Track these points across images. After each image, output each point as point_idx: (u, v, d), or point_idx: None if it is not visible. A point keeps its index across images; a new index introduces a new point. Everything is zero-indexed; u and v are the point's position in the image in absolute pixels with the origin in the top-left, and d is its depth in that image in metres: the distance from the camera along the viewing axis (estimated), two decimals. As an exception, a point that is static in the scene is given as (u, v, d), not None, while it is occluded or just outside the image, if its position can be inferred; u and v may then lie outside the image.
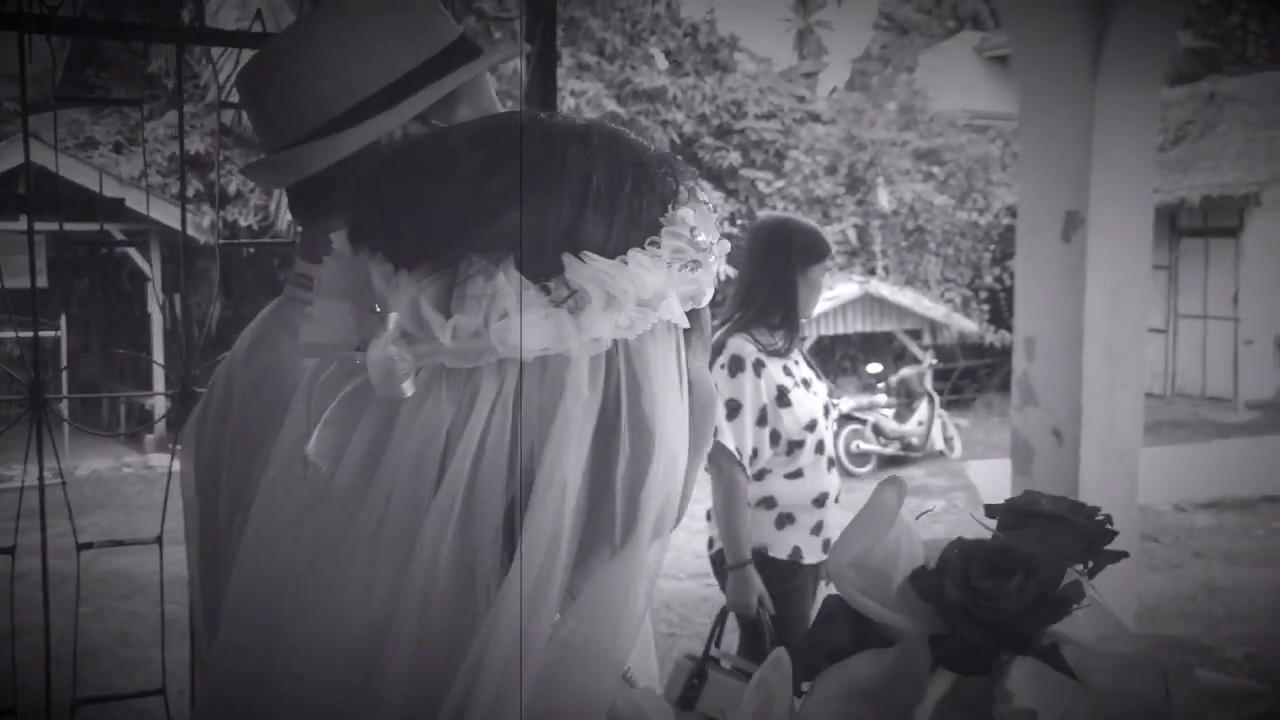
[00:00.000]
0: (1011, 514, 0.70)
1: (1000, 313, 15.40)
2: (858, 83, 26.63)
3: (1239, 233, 15.26)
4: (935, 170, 15.92)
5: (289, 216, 10.44)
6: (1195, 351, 15.92)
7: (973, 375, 16.07)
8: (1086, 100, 3.48)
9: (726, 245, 0.67)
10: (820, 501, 3.22)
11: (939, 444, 12.61)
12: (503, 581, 0.58)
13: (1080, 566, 0.68)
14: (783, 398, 3.16)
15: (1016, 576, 0.63)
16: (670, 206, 0.63)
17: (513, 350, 0.58)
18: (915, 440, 12.48)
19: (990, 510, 0.71)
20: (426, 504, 0.59)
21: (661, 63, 15.16)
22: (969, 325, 14.95)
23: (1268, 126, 16.01)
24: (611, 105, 13.67)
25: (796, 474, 3.19)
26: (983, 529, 0.74)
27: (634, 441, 0.61)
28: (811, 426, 3.18)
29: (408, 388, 0.59)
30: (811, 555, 3.15)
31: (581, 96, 13.30)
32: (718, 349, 3.21)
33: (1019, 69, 3.85)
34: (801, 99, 16.23)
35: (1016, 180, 3.80)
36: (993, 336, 15.00)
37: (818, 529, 3.17)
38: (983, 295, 15.75)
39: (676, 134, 14.24)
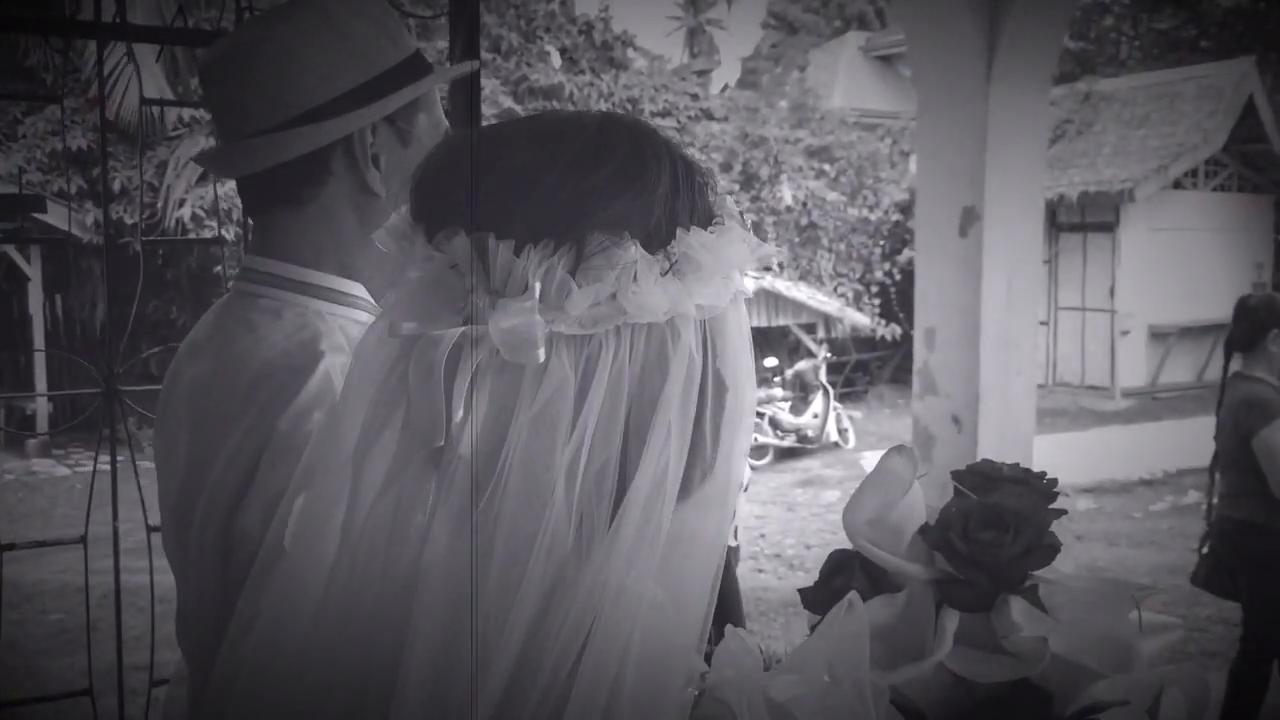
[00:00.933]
0: (977, 477, 0.79)
1: (891, 307, 15.79)
2: (749, 81, 27.00)
3: (1115, 228, 15.88)
4: (827, 168, 16.24)
5: (178, 212, 10.10)
6: (1074, 342, 16.53)
7: (865, 368, 16.46)
8: (980, 102, 3.63)
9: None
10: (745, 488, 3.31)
11: (834, 436, 12.89)
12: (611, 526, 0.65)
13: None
14: None
15: (1010, 530, 0.73)
16: (716, 194, 0.73)
17: (644, 314, 0.65)
18: (811, 432, 12.75)
19: (957, 475, 0.80)
20: (556, 462, 0.65)
21: (556, 60, 15.19)
22: (861, 319, 15.29)
23: (1140, 126, 16.70)
24: (508, 102, 13.65)
25: None
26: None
27: (714, 399, 0.70)
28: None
29: (541, 353, 0.64)
30: (730, 536, 3.25)
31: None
32: None
33: (916, 72, 4.00)
34: (695, 97, 16.39)
35: (915, 178, 3.94)
36: (884, 330, 15.37)
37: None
38: (874, 290, 16.12)
39: (573, 131, 14.26)
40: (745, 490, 3.39)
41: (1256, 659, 4.29)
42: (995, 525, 0.74)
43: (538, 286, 0.64)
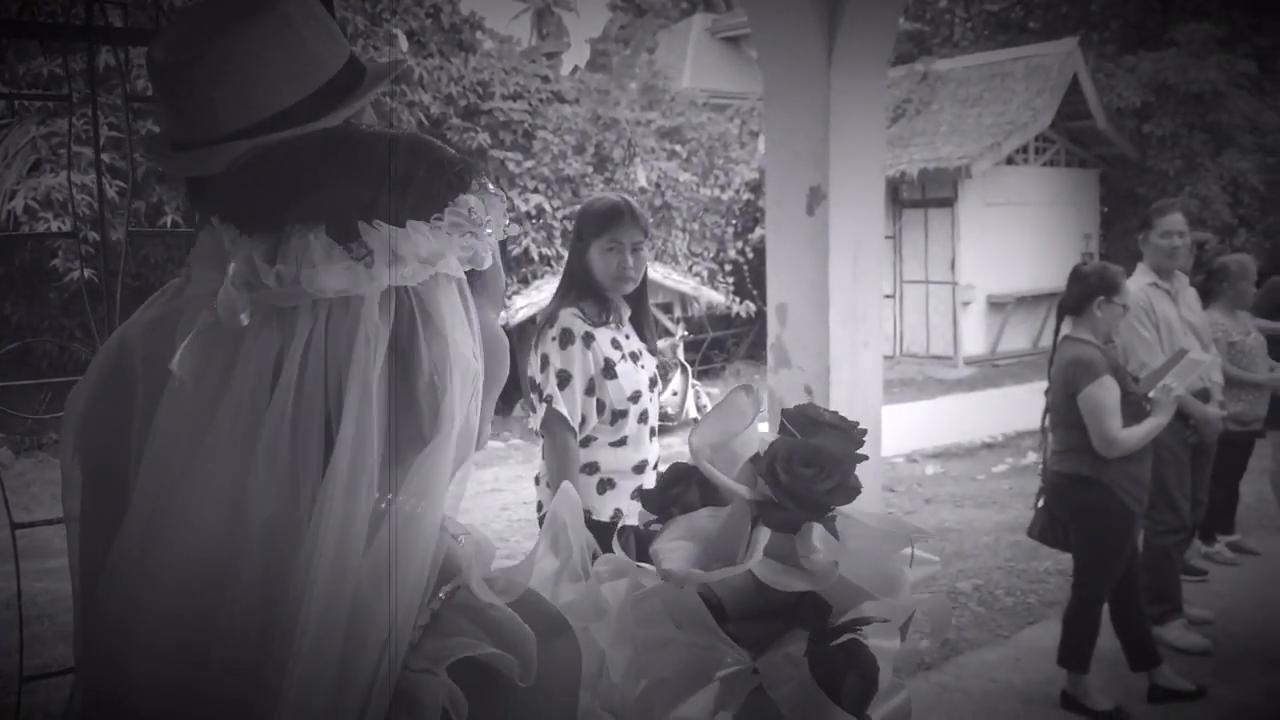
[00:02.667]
0: (803, 419, 0.92)
1: (744, 284, 16.13)
2: (599, 63, 27.07)
3: (954, 203, 16.52)
4: (678, 149, 16.44)
5: (10, 204, 9.61)
6: (919, 314, 17.15)
7: (721, 345, 16.77)
8: (822, 86, 3.79)
9: (508, 229, 0.91)
10: (640, 469, 3.38)
11: (693, 412, 13.08)
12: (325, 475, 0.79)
13: None
14: (609, 370, 3.28)
15: (824, 470, 0.87)
16: (457, 194, 0.87)
17: (318, 292, 0.80)
18: (671, 410, 12.91)
19: (787, 414, 0.93)
20: (264, 413, 0.80)
21: (404, 43, 14.97)
22: (716, 297, 15.57)
23: (974, 104, 17.41)
24: (356, 86, 13.39)
25: (620, 442, 3.35)
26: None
27: (432, 361, 0.83)
28: (635, 398, 3.34)
29: (244, 318, 0.81)
30: (634, 517, 3.30)
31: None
32: (550, 321, 3.32)
33: (762, 58, 4.14)
34: (545, 79, 16.37)
35: (764, 159, 4.10)
36: (738, 307, 15.68)
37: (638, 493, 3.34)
38: (728, 268, 16.42)
39: (424, 115, 14.11)
40: (655, 469, 3.47)
41: (1087, 605, 4.61)
42: (813, 464, 0.88)
43: (232, 266, 0.83)
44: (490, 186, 0.91)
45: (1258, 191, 17.85)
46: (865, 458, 0.94)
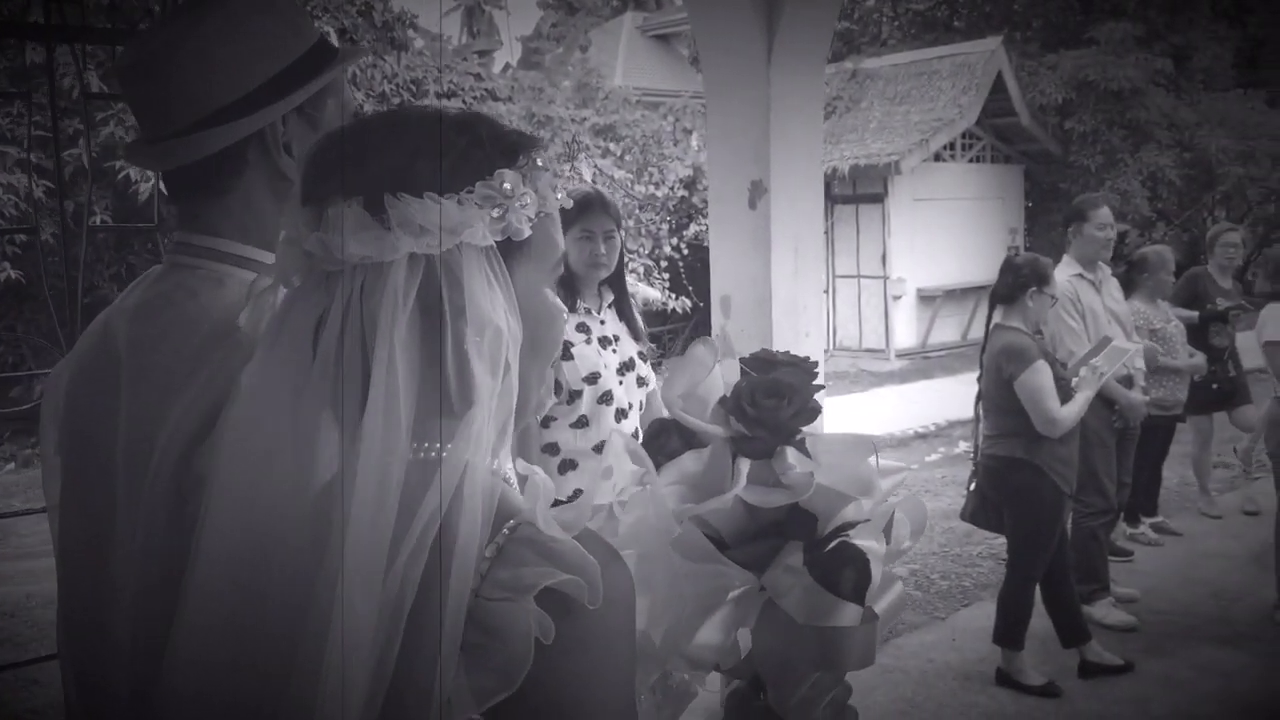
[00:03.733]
0: (759, 362, 1.02)
1: (680, 280, 16.23)
2: (531, 61, 27.04)
3: (884, 199, 16.78)
4: (613, 146, 16.49)
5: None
6: (852, 308, 17.40)
7: (658, 340, 16.87)
8: (763, 83, 3.89)
9: (558, 200, 1.02)
10: (600, 449, 3.47)
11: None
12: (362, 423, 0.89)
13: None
14: (565, 351, 3.38)
15: (785, 398, 0.96)
16: (492, 169, 0.95)
17: (348, 257, 0.91)
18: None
19: (745, 361, 1.03)
20: (309, 364, 0.91)
21: (335, 41, 14.84)
22: (653, 293, 15.63)
23: (902, 102, 17.69)
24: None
25: (579, 423, 3.43)
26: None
27: (454, 324, 0.91)
28: (592, 379, 3.42)
29: (295, 280, 0.94)
30: (602, 496, 3.40)
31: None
32: None
33: (703, 57, 4.23)
34: (479, 77, 16.33)
35: (696, 154, 4.19)
36: (674, 303, 15.79)
37: (608, 473, 3.42)
38: (663, 264, 16.52)
39: (357, 113, 13.98)
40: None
41: (1021, 584, 4.78)
42: (774, 394, 0.99)
43: (283, 233, 0.95)
44: (539, 162, 0.98)
45: (1175, 186, 18.37)
46: (821, 386, 1.04)
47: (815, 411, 0.99)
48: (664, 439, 1.04)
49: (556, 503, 0.92)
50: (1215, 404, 6.95)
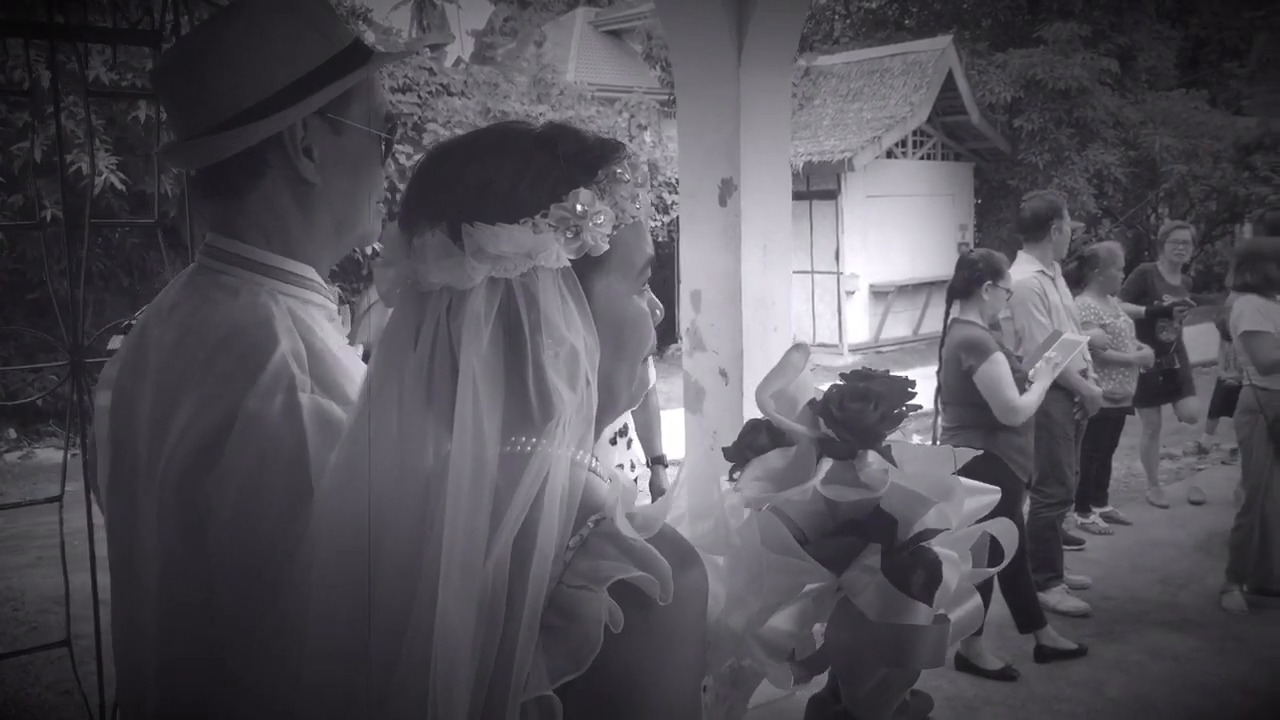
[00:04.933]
0: (857, 374, 1.10)
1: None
2: (484, 56, 26.91)
3: (837, 195, 16.94)
4: (569, 142, 16.48)
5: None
6: (805, 304, 17.55)
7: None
8: (733, 83, 3.97)
9: (648, 208, 1.08)
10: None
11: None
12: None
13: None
14: None
15: (871, 402, 1.03)
16: (570, 189, 1.00)
17: (428, 285, 0.98)
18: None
19: (845, 376, 1.10)
20: (409, 376, 0.99)
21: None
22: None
23: (855, 99, 17.88)
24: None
25: None
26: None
27: (533, 340, 0.98)
28: None
29: (390, 296, 1.02)
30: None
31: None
32: None
33: (675, 56, 4.29)
34: (432, 72, 16.27)
35: (677, 153, 4.24)
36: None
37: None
38: (620, 260, 16.57)
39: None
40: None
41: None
42: (861, 399, 1.04)
43: (382, 253, 1.03)
44: (619, 173, 1.04)
45: (1120, 183, 18.74)
46: (918, 405, 1.09)
47: (900, 418, 1.04)
48: (754, 436, 1.09)
49: None
50: (1162, 396, 7.14)
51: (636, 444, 3.64)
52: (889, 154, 17.49)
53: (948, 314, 4.89)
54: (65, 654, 2.39)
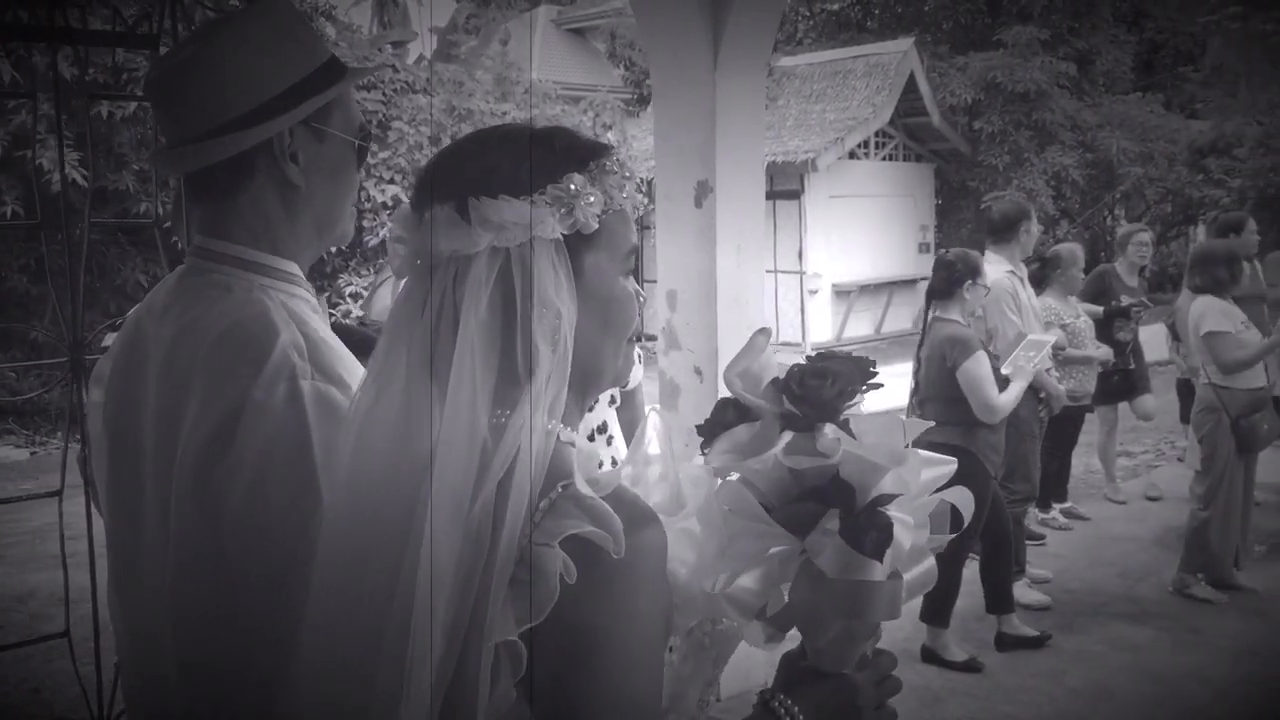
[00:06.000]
0: (820, 355, 1.18)
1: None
2: (448, 53, 26.85)
3: (800, 195, 17.08)
4: (533, 140, 16.49)
5: None
6: (770, 303, 17.68)
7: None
8: (709, 87, 4.05)
9: (635, 200, 1.20)
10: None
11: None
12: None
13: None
14: None
15: (829, 379, 1.12)
16: (563, 174, 1.12)
17: (439, 252, 1.10)
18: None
19: (810, 356, 1.19)
20: (412, 344, 1.11)
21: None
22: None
23: (818, 100, 18.03)
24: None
25: None
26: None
27: (523, 305, 1.09)
28: None
29: (403, 269, 1.13)
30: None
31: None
32: None
33: (652, 60, 4.36)
34: (395, 69, 16.23)
35: (654, 155, 4.32)
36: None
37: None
38: (584, 259, 16.61)
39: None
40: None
41: (951, 564, 5.02)
42: (818, 376, 1.14)
43: (397, 231, 1.15)
44: (608, 165, 1.16)
45: (1078, 185, 19.03)
46: (879, 383, 1.18)
47: (854, 394, 1.14)
48: (723, 413, 1.19)
49: None
50: (1119, 395, 7.30)
51: (619, 441, 3.70)
52: (852, 155, 17.66)
53: (927, 314, 5.00)
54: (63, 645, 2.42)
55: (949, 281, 4.89)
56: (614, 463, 3.89)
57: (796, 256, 17.24)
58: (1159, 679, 4.94)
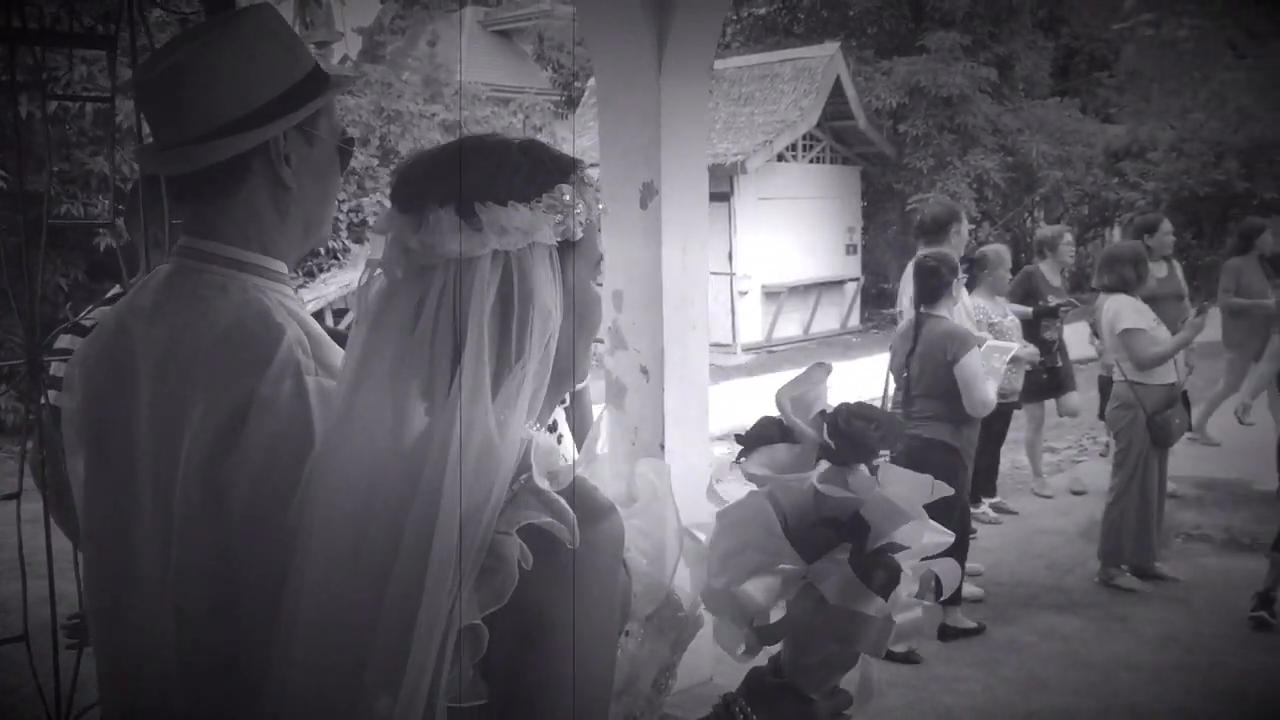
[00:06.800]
0: (861, 405, 1.25)
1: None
2: (373, 54, 26.59)
3: (730, 197, 17.21)
4: (463, 142, 16.43)
5: None
6: (699, 304, 17.76)
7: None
8: (654, 90, 4.10)
9: (598, 209, 1.21)
10: None
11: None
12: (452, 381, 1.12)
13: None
14: None
15: (874, 424, 1.20)
16: (555, 184, 1.18)
17: (447, 253, 1.13)
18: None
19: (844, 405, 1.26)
20: (408, 344, 1.13)
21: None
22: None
23: (747, 103, 18.19)
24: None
25: None
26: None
27: (522, 307, 1.14)
28: None
29: (397, 273, 1.15)
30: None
31: (95, 63, 12.40)
32: None
33: (597, 63, 4.41)
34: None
35: (599, 157, 4.37)
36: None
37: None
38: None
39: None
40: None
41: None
42: (865, 419, 1.21)
43: (389, 236, 1.16)
44: (585, 178, 1.22)
45: (999, 188, 19.44)
46: (907, 424, 1.28)
47: (892, 444, 1.23)
48: (765, 429, 1.27)
49: None
50: (1045, 392, 7.49)
51: (568, 438, 3.72)
52: (780, 157, 17.84)
53: (918, 314, 5.14)
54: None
55: (937, 283, 5.06)
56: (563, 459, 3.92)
57: (726, 258, 17.37)
58: (1088, 666, 5.10)
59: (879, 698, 1.35)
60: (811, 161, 18.89)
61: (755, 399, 10.67)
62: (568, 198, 1.18)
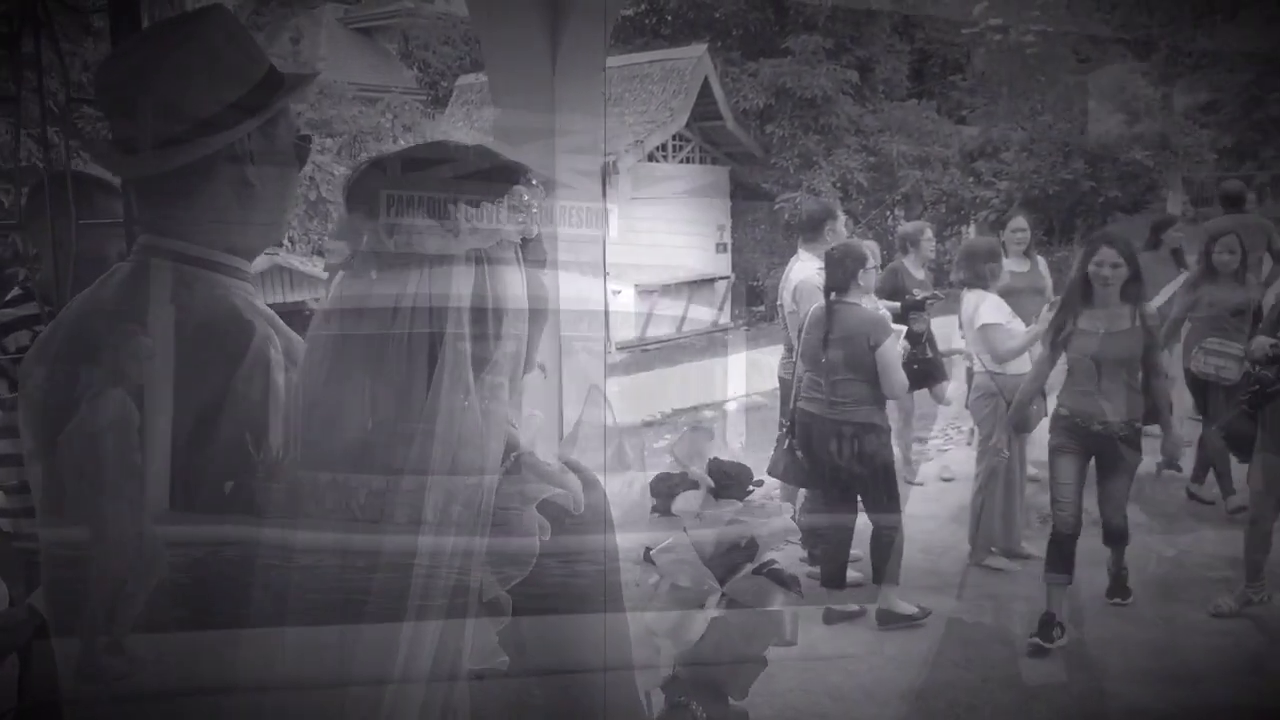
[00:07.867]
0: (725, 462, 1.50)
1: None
2: (233, 50, 25.77)
3: (603, 197, 17.26)
4: (329, 141, 16.18)
5: None
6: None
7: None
8: (548, 88, 4.15)
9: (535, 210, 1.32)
10: None
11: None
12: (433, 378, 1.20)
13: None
14: None
15: (737, 468, 1.57)
16: (514, 185, 1.27)
17: (424, 252, 1.20)
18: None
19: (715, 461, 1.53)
20: (387, 340, 1.20)
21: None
22: (377, 291, 15.48)
23: (617, 104, 18.24)
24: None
25: None
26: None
27: (495, 302, 1.23)
28: None
29: (374, 274, 1.22)
30: None
31: None
32: None
33: (490, 63, 4.44)
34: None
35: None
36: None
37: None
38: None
39: (53, 104, 13.07)
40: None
41: (892, 529, 5.41)
42: (735, 469, 1.64)
43: (364, 238, 1.22)
44: (533, 181, 1.30)
45: (863, 187, 20.00)
46: (760, 481, 1.65)
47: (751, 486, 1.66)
48: (676, 481, 1.65)
49: None
50: (918, 383, 7.75)
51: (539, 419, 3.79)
52: (650, 157, 18.03)
53: (829, 302, 5.31)
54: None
55: (846, 274, 5.25)
56: None
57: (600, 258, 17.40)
58: (965, 642, 5.37)
59: (768, 677, 1.60)
60: (682, 161, 19.12)
61: (634, 397, 10.80)
62: (527, 197, 1.26)
